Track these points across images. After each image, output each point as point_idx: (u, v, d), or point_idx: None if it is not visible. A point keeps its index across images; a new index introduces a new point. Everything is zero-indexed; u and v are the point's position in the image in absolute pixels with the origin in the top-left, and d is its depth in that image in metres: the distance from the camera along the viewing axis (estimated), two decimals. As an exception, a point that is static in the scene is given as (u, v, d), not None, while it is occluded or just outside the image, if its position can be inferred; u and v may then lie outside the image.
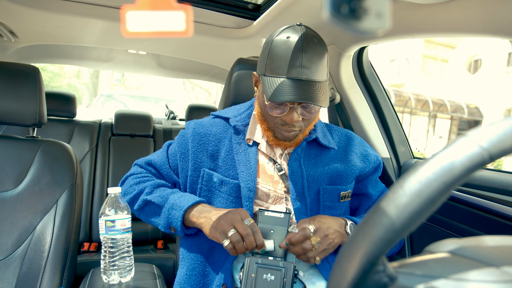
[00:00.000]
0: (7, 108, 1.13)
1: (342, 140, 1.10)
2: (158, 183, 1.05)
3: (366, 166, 1.08)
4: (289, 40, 0.87)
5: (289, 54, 0.86)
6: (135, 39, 1.87)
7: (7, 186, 1.12)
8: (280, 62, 0.87)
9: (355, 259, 0.30)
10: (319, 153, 1.05)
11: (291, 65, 0.85)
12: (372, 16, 0.30)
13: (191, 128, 1.06)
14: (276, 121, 0.94)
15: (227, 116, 1.07)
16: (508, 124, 0.30)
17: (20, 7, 1.39)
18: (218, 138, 1.05)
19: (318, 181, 1.01)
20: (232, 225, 0.85)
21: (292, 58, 0.85)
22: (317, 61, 0.87)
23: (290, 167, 1.00)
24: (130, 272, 0.97)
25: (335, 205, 1.03)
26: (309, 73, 0.86)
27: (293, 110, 0.90)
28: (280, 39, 0.89)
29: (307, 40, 0.86)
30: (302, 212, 0.98)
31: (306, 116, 0.93)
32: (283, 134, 0.96)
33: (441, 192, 0.29)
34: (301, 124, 0.94)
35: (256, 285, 0.79)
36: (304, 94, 0.84)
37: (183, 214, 0.94)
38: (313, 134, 1.03)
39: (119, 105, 5.98)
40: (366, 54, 1.46)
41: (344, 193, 1.04)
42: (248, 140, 1.03)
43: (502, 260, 0.32)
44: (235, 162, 1.01)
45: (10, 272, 1.04)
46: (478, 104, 17.19)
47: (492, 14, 0.80)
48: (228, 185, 1.00)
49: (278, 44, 0.88)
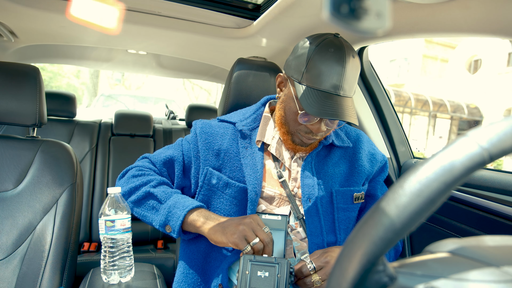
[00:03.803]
0: (7, 108, 1.13)
1: (351, 137, 1.11)
2: (163, 180, 1.03)
3: (373, 167, 1.08)
4: (333, 53, 0.87)
5: (331, 68, 0.86)
6: (135, 39, 1.87)
7: (7, 186, 1.12)
8: (321, 74, 0.87)
9: (355, 259, 0.30)
10: (329, 152, 1.06)
11: (332, 80, 0.86)
12: (372, 16, 0.30)
13: (199, 127, 1.06)
14: (300, 128, 0.95)
15: (233, 121, 1.07)
16: (508, 124, 0.30)
17: (20, 7, 1.39)
18: (224, 139, 1.04)
19: (330, 184, 1.02)
20: (254, 233, 0.85)
21: (334, 73, 0.86)
22: (354, 78, 0.89)
23: (303, 170, 1.00)
24: (130, 272, 0.97)
25: (349, 207, 1.04)
26: (346, 90, 0.88)
27: (321, 121, 0.92)
28: (323, 50, 0.88)
29: (348, 55, 0.87)
30: (313, 215, 0.98)
31: (330, 127, 0.94)
32: (303, 140, 0.97)
33: (441, 192, 0.29)
34: (323, 134, 0.96)
35: (250, 282, 0.79)
36: (341, 111, 0.86)
37: (185, 214, 0.92)
38: (329, 138, 1.04)
39: (119, 105, 5.98)
40: (366, 54, 1.46)
41: (357, 195, 1.04)
42: (258, 142, 1.03)
43: (502, 260, 0.32)
44: (242, 165, 1.01)
45: (10, 272, 1.04)
46: (478, 104, 17.19)
47: (492, 14, 0.80)
48: (233, 187, 0.99)
49: (321, 55, 0.87)
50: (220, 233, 0.87)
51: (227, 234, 0.86)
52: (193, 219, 0.92)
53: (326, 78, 0.86)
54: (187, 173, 1.07)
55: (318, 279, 0.85)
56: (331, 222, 1.01)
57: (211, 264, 1.00)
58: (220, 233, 0.87)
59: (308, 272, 0.85)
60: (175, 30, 1.64)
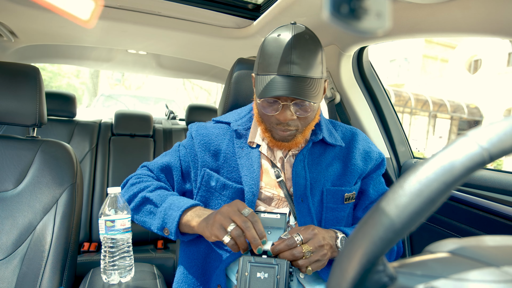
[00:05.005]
0: (7, 108, 1.13)
1: (346, 137, 1.08)
2: (161, 185, 1.03)
3: (367, 165, 1.06)
4: (280, 37, 0.86)
5: (279, 51, 0.85)
6: (135, 39, 1.87)
7: (7, 186, 1.12)
8: (270, 59, 0.86)
9: (355, 259, 0.30)
10: (323, 151, 1.04)
11: (281, 62, 0.85)
12: (372, 16, 0.30)
13: (194, 130, 1.06)
14: (272, 121, 0.93)
15: (228, 121, 1.07)
16: (508, 124, 0.30)
17: (20, 7, 1.39)
18: (220, 139, 1.04)
19: (322, 182, 1.00)
20: (230, 219, 0.81)
21: (282, 55, 0.84)
22: (309, 57, 0.86)
23: (294, 169, 0.98)
24: (130, 272, 0.97)
25: (339, 207, 1.02)
26: (299, 69, 0.84)
27: (286, 108, 0.89)
28: (271, 37, 0.88)
29: (297, 36, 0.85)
30: (305, 214, 0.97)
31: (301, 114, 0.90)
32: (279, 133, 0.94)
33: (441, 192, 0.29)
34: (297, 123, 0.93)
35: (250, 284, 0.78)
36: (292, 90, 0.83)
37: (180, 215, 0.91)
38: (320, 134, 1.02)
39: (119, 105, 5.98)
40: (366, 54, 1.46)
41: (348, 195, 1.02)
42: (251, 143, 1.02)
43: (502, 260, 0.32)
44: (238, 165, 1.00)
45: (10, 272, 1.04)
46: (478, 104, 17.19)
47: (492, 14, 0.80)
48: (230, 189, 0.99)
49: (269, 42, 0.88)
50: (204, 227, 0.86)
51: (208, 227, 0.84)
52: (188, 219, 0.91)
53: (274, 61, 0.85)
54: (187, 178, 1.07)
55: (310, 249, 0.82)
56: (319, 221, 0.99)
57: (210, 264, 1.00)
58: (204, 227, 0.86)
59: (296, 244, 0.82)
60: (175, 30, 1.64)
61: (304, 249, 0.82)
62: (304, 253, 0.82)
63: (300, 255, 0.81)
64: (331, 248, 0.88)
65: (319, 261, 0.84)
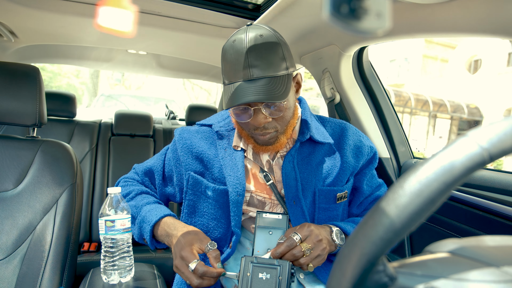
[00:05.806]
0: (7, 108, 1.13)
1: (336, 132, 1.06)
2: (142, 190, 1.07)
3: (359, 161, 1.04)
4: (235, 43, 0.85)
5: (237, 57, 0.83)
6: (135, 39, 1.87)
7: (7, 186, 1.12)
8: (231, 67, 0.85)
9: (355, 259, 0.30)
10: (313, 150, 1.01)
11: (240, 68, 0.83)
12: (372, 16, 0.30)
13: (178, 134, 1.07)
14: (249, 127, 0.92)
15: (210, 123, 1.07)
16: (508, 124, 0.30)
17: (20, 7, 1.39)
18: (203, 142, 1.04)
19: (313, 182, 0.99)
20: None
21: (240, 60, 0.83)
22: (267, 56, 0.84)
23: (284, 170, 0.97)
24: (130, 272, 0.97)
25: (331, 207, 1.01)
26: (259, 71, 0.83)
27: (258, 111, 0.87)
28: (228, 44, 0.86)
29: (251, 38, 0.83)
30: (299, 216, 0.96)
31: (275, 115, 0.89)
32: (260, 138, 0.93)
33: (441, 192, 0.29)
34: (274, 125, 0.91)
35: (252, 285, 0.79)
36: (256, 93, 0.82)
37: (151, 229, 0.96)
38: (307, 133, 1.00)
39: (119, 105, 5.98)
40: (366, 54, 1.46)
41: (340, 194, 1.01)
42: (236, 147, 1.01)
43: (502, 260, 0.32)
44: (222, 167, 0.99)
45: (10, 272, 1.04)
46: (478, 104, 17.19)
47: (492, 14, 0.80)
48: (215, 191, 0.98)
49: (227, 50, 0.86)
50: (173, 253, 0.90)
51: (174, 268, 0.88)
52: (159, 233, 0.96)
53: (234, 67, 0.84)
54: (169, 182, 1.09)
55: (309, 247, 0.83)
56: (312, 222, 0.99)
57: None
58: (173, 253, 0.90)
59: (296, 243, 0.83)
60: (175, 30, 1.64)
61: (303, 248, 0.83)
62: (304, 251, 0.83)
63: (300, 254, 0.83)
64: (328, 242, 0.90)
65: (320, 256, 0.86)
